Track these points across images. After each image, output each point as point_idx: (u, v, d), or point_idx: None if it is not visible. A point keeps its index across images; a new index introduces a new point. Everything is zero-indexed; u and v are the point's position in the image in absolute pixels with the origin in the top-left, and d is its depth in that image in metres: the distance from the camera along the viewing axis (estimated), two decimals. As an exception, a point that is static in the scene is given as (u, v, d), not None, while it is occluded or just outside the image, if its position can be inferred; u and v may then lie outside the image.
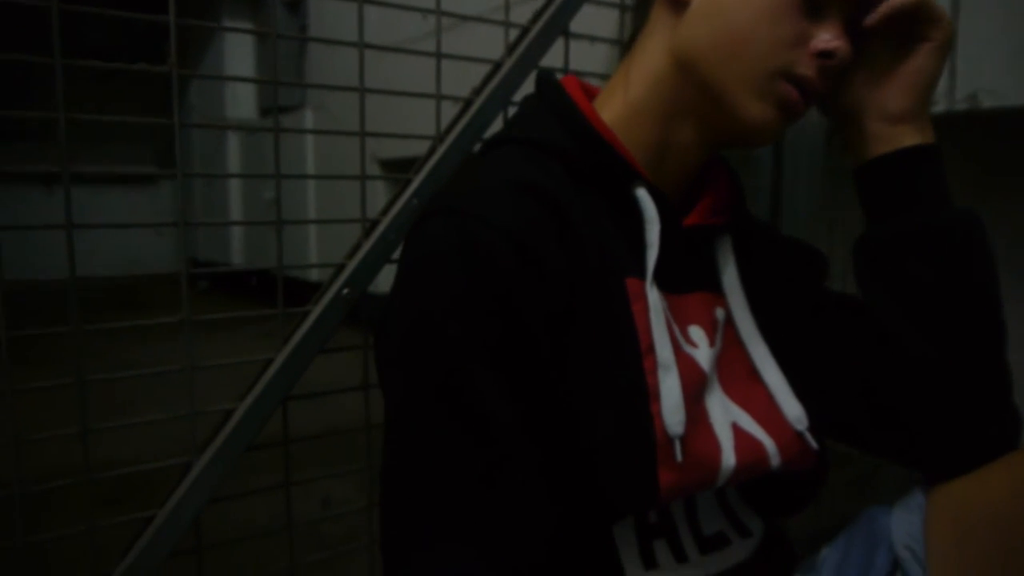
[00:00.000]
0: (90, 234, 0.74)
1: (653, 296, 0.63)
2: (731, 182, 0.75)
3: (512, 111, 0.93)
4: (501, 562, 0.55)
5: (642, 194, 0.66)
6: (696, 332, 0.69)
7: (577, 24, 0.98)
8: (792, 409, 0.69)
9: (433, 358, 0.56)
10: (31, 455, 0.72)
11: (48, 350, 0.89)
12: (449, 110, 0.92)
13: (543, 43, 0.94)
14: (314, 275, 3.64)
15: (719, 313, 0.71)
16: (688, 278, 0.70)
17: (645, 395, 0.60)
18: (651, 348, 0.62)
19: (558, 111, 0.67)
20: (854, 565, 0.70)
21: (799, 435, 0.68)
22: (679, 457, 0.60)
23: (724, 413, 0.67)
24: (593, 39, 1.04)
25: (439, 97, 0.91)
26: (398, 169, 0.86)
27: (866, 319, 0.72)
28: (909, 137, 0.68)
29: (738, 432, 0.66)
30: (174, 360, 0.79)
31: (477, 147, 0.91)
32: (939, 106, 1.09)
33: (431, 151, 0.89)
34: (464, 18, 0.96)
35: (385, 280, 0.69)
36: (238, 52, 4.41)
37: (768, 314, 0.73)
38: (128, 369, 0.76)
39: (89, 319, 0.72)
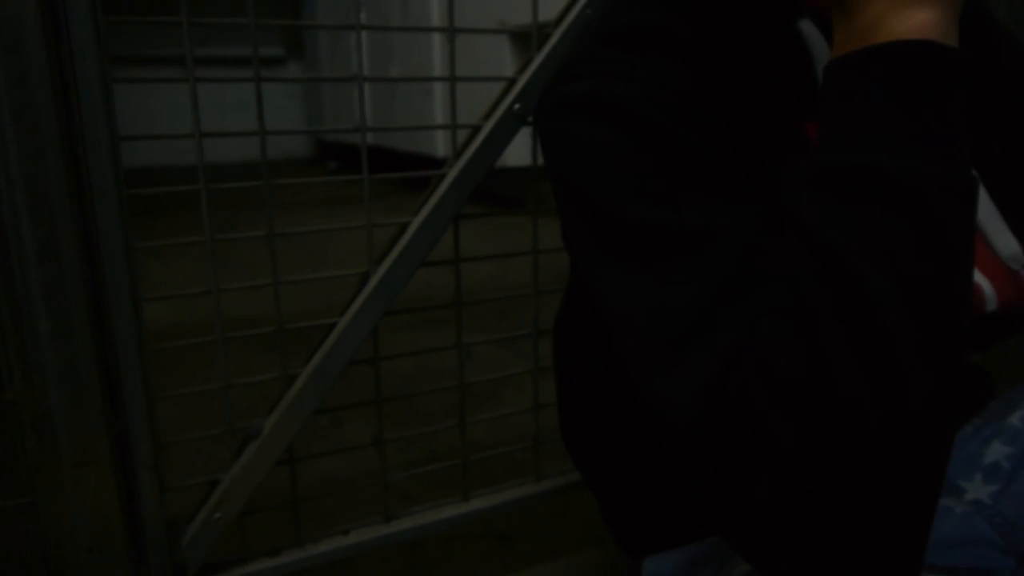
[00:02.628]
0: (221, 117, 0.76)
1: None
2: None
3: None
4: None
5: (807, 27, 0.58)
6: None
7: None
8: (1007, 246, 0.61)
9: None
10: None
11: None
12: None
13: None
14: (440, 150, 3.66)
15: None
16: None
17: None
18: None
19: None
20: None
21: (1015, 274, 0.61)
22: None
23: None
24: None
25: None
26: (527, 38, 0.83)
27: None
28: None
29: None
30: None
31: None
32: None
33: (605, -44, 0.84)
34: None
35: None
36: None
37: (973, 141, 0.65)
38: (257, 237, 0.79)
39: (226, 196, 0.74)
